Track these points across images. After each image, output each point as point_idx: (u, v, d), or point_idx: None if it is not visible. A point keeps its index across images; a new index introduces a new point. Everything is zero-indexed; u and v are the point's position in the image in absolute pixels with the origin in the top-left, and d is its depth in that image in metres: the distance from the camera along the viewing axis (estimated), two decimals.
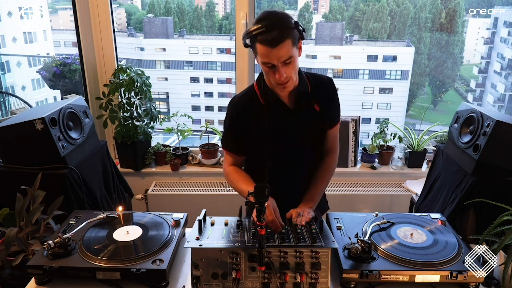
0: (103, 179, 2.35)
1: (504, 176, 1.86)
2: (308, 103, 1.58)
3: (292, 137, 1.59)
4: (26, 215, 1.68)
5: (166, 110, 7.53)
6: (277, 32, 1.34)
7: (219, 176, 2.99)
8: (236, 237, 1.29)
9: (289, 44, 1.37)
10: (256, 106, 1.57)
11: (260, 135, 1.57)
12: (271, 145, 1.57)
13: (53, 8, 5.87)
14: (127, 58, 6.40)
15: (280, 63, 1.39)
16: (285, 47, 1.37)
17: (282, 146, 1.61)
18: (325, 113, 1.61)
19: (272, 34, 1.34)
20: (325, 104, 1.60)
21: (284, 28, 1.36)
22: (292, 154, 1.63)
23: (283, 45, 1.36)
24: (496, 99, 5.55)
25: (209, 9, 7.18)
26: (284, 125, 1.58)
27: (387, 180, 2.99)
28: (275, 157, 1.61)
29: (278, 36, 1.35)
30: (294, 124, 1.58)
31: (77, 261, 1.28)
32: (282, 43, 1.35)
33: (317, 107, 1.59)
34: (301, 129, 1.59)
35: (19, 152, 1.96)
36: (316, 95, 1.58)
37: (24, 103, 3.58)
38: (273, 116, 1.55)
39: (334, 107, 1.65)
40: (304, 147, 1.63)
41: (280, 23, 1.35)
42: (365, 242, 1.29)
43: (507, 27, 5.13)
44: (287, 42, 1.36)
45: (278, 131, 1.57)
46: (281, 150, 1.61)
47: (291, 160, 1.64)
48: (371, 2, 5.94)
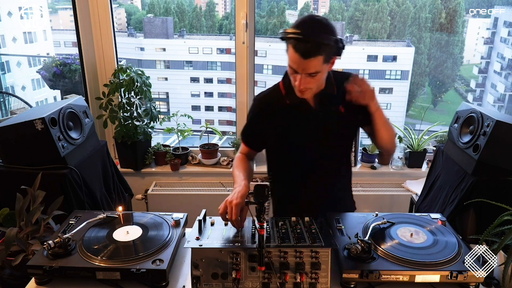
0: (103, 179, 2.35)
1: (504, 176, 1.86)
2: (332, 104, 1.55)
3: (313, 137, 1.58)
4: (26, 215, 1.68)
5: (166, 110, 7.53)
6: (312, 45, 1.30)
7: (219, 176, 2.99)
8: (236, 237, 1.29)
9: (320, 60, 1.33)
10: (280, 104, 1.56)
11: (282, 133, 1.57)
12: (292, 144, 1.58)
13: (53, 8, 5.87)
14: (127, 58, 6.40)
15: (304, 73, 1.37)
16: (314, 62, 1.33)
17: (303, 146, 1.60)
18: (351, 114, 1.57)
19: (306, 45, 1.30)
20: (351, 105, 1.53)
21: (321, 43, 1.31)
22: (312, 155, 1.62)
23: (313, 60, 1.32)
24: (496, 99, 5.55)
25: (209, 9, 7.18)
26: (307, 125, 1.57)
27: (387, 180, 2.99)
28: (296, 157, 1.61)
29: (312, 49, 1.30)
30: (317, 125, 1.57)
31: (77, 261, 1.28)
32: (313, 57, 1.31)
33: (342, 108, 1.56)
34: (324, 130, 1.57)
35: (19, 152, 1.96)
36: (342, 96, 1.52)
37: (24, 103, 3.58)
38: (296, 115, 1.55)
39: (363, 106, 1.55)
40: (325, 148, 1.61)
41: (319, 37, 1.30)
42: (365, 242, 1.29)
43: (507, 27, 5.13)
44: (319, 58, 1.32)
45: (300, 131, 1.57)
46: (302, 150, 1.61)
47: (312, 161, 1.63)
48: (371, 2, 5.94)
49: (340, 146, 1.65)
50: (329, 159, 1.64)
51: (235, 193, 1.34)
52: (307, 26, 1.32)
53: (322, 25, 1.34)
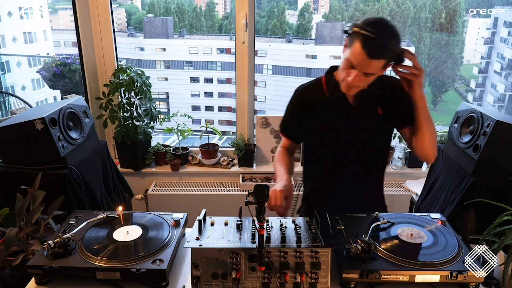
0: (103, 179, 2.35)
1: (504, 176, 1.86)
2: (371, 104, 1.56)
3: (348, 134, 1.59)
4: (26, 215, 1.68)
5: (166, 110, 7.54)
6: (380, 47, 1.33)
7: (219, 176, 2.99)
8: (236, 237, 1.29)
9: (381, 63, 1.36)
10: (319, 97, 1.58)
11: (318, 125, 1.59)
12: (326, 137, 1.60)
13: (53, 8, 5.87)
14: (127, 58, 6.41)
15: (361, 71, 1.38)
16: (376, 64, 1.35)
17: (338, 141, 1.61)
18: (389, 117, 1.58)
19: (376, 46, 1.32)
20: (390, 108, 1.56)
21: (389, 48, 1.33)
22: (347, 151, 1.63)
23: (377, 61, 1.34)
24: (496, 99, 5.55)
25: (209, 9, 7.18)
26: (344, 121, 1.58)
27: (387, 180, 2.96)
28: (331, 151, 1.63)
29: (379, 51, 1.33)
30: (354, 123, 1.58)
31: (77, 261, 1.28)
32: (377, 59, 1.34)
33: (381, 110, 1.57)
34: (360, 129, 1.59)
35: (19, 152, 1.96)
36: (382, 98, 1.55)
37: (24, 103, 3.58)
38: (335, 110, 1.56)
39: (405, 106, 1.54)
40: (360, 146, 1.62)
41: (390, 42, 1.33)
42: (365, 242, 1.29)
43: (507, 27, 5.13)
44: (382, 61, 1.35)
45: (336, 126, 1.58)
46: (337, 145, 1.62)
47: (346, 157, 1.64)
48: (371, 2, 5.94)
49: (372, 147, 1.65)
50: (361, 158, 1.64)
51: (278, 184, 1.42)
52: (380, 28, 1.34)
53: (394, 31, 1.36)
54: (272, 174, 2.92)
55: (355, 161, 1.64)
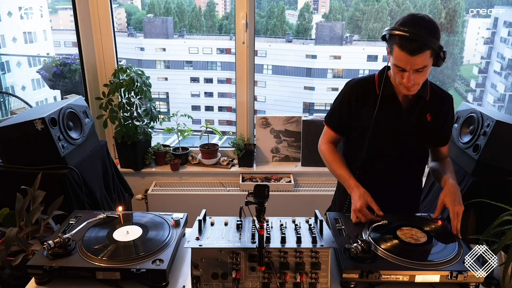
0: (103, 179, 2.35)
1: (504, 176, 1.86)
2: (422, 109, 1.58)
3: (394, 134, 1.60)
4: (26, 215, 1.68)
5: (166, 110, 7.54)
6: (419, 43, 1.34)
7: (219, 176, 2.99)
8: (236, 237, 1.29)
9: (427, 55, 1.38)
10: (370, 93, 1.59)
11: (365, 122, 1.59)
12: (371, 136, 1.59)
13: (53, 8, 5.87)
14: (127, 58, 6.41)
15: (412, 70, 1.40)
16: (422, 57, 1.37)
17: (382, 140, 1.61)
18: (435, 126, 1.60)
19: (413, 44, 1.34)
20: (438, 118, 1.59)
21: (426, 40, 1.35)
22: (388, 152, 1.63)
23: (421, 55, 1.36)
24: (496, 99, 5.56)
25: (209, 9, 7.19)
26: (391, 121, 1.59)
27: None
28: (372, 149, 1.62)
29: (418, 47, 1.35)
30: (401, 123, 1.59)
31: (77, 261, 1.28)
32: (421, 53, 1.36)
33: (429, 117, 1.59)
34: (406, 131, 1.59)
35: (19, 152, 1.96)
36: (432, 105, 1.58)
37: (24, 103, 3.58)
38: (384, 108, 1.57)
39: (447, 125, 1.64)
40: (402, 149, 1.62)
41: (426, 34, 1.34)
42: (365, 242, 1.29)
43: (507, 27, 5.14)
44: (426, 52, 1.37)
45: (383, 124, 1.58)
46: (379, 144, 1.62)
47: (387, 157, 1.64)
48: (371, 2, 5.94)
49: (414, 149, 1.65)
50: (403, 158, 1.64)
51: (354, 200, 1.53)
52: (413, 25, 1.36)
53: (425, 22, 1.38)
54: (272, 174, 2.92)
55: (395, 163, 1.64)
